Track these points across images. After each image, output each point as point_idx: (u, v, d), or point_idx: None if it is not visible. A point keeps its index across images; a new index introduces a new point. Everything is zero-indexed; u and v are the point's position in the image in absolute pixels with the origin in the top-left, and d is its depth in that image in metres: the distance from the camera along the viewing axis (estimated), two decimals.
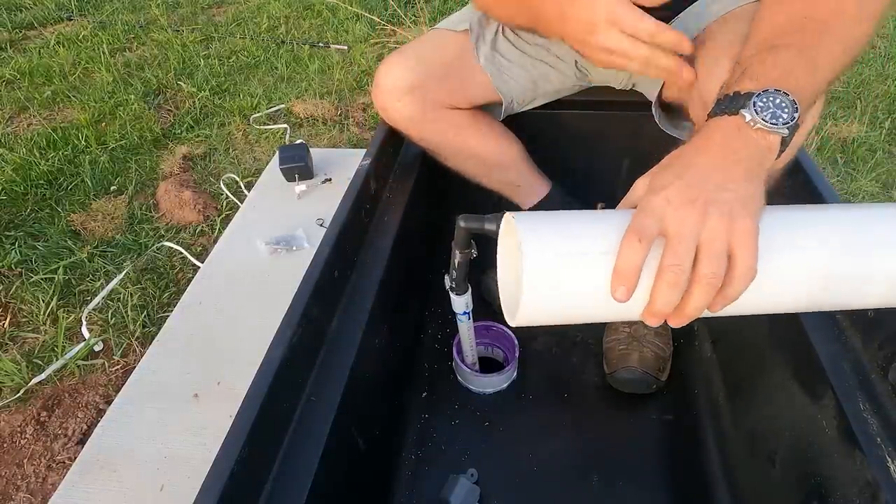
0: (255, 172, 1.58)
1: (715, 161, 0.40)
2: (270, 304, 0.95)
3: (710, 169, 0.39)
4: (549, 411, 0.87)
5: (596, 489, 0.76)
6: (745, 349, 0.77)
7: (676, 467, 0.78)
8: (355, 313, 0.65)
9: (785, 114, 0.40)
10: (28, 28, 2.53)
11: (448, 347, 0.91)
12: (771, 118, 0.40)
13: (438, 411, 0.87)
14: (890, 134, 1.57)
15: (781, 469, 0.60)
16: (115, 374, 1.07)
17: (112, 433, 0.93)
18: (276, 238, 1.28)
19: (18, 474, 0.93)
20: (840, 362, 0.55)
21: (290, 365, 0.52)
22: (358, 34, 2.33)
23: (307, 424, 0.53)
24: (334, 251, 0.63)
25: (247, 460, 0.44)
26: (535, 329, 0.97)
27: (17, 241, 1.37)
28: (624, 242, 0.36)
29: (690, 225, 0.36)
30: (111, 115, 1.87)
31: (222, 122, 1.83)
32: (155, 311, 1.19)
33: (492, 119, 0.88)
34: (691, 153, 0.41)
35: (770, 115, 0.40)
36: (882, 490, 0.45)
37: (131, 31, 2.46)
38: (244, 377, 0.48)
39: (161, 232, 1.40)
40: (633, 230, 0.37)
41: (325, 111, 1.84)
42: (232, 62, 2.18)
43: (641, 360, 0.84)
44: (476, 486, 0.75)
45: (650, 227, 0.37)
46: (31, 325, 1.17)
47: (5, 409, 1.01)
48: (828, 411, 0.53)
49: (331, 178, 1.47)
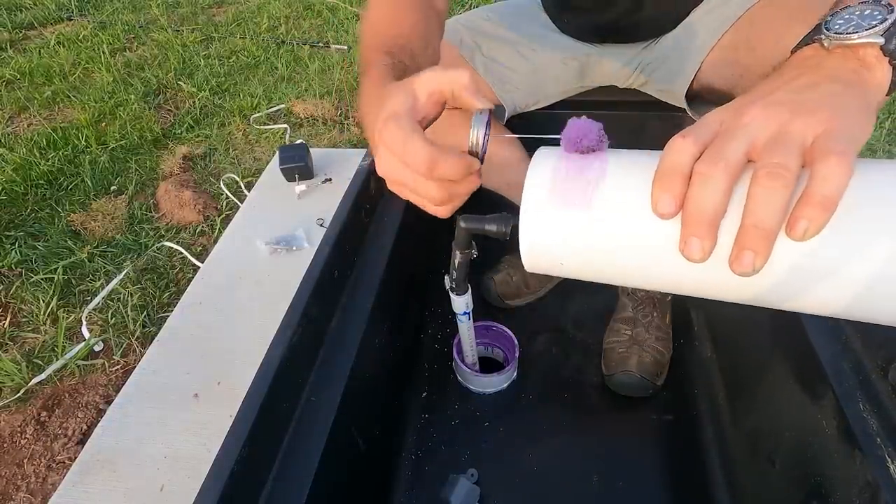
0: (255, 172, 1.58)
1: (788, 75, 0.32)
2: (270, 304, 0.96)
3: (783, 80, 0.31)
4: (549, 411, 0.87)
5: (596, 489, 0.76)
6: (745, 349, 0.77)
7: (676, 467, 0.78)
8: (355, 313, 0.65)
9: (875, 20, 0.31)
10: (28, 28, 2.54)
11: (448, 347, 0.91)
12: (853, 30, 0.31)
13: (438, 411, 0.87)
14: (890, 134, 1.57)
15: (781, 469, 0.60)
16: (115, 374, 1.07)
17: (112, 433, 0.93)
18: (276, 238, 1.28)
19: (18, 474, 0.93)
20: (840, 362, 0.55)
21: (290, 365, 0.52)
22: (358, 34, 2.33)
23: (307, 424, 0.53)
24: (334, 251, 0.63)
25: (247, 460, 0.44)
26: (535, 329, 0.97)
27: (17, 241, 1.37)
28: (668, 143, 0.30)
29: (747, 119, 0.29)
30: (111, 115, 1.87)
31: (222, 122, 1.83)
32: (155, 311, 1.19)
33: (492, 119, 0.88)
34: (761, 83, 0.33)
35: (853, 27, 0.31)
36: (882, 490, 0.45)
37: (131, 31, 2.46)
38: (244, 377, 0.48)
39: (161, 232, 1.40)
40: (681, 133, 0.30)
41: (325, 111, 1.84)
42: (232, 62, 2.19)
43: (640, 364, 0.84)
44: (476, 486, 0.75)
45: (703, 129, 0.30)
46: (31, 325, 1.17)
47: (5, 409, 1.01)
48: (828, 411, 0.53)
49: (331, 178, 1.47)
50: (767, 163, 0.27)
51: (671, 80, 0.79)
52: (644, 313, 0.89)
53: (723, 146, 0.28)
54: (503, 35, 0.85)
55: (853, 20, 0.32)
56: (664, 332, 0.89)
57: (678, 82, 0.77)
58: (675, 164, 0.29)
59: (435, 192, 0.38)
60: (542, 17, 0.87)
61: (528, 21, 0.87)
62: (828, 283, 0.28)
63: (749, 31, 0.67)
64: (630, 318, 0.90)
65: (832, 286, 0.28)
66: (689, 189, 0.28)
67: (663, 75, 0.81)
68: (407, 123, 0.37)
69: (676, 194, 0.28)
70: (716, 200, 0.27)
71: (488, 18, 0.87)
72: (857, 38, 0.31)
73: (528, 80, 0.85)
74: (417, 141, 0.36)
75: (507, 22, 0.87)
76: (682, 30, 0.77)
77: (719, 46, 0.71)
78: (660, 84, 0.83)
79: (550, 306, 1.01)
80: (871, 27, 0.31)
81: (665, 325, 0.90)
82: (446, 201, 0.39)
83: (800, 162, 0.27)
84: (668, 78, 0.80)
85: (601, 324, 0.94)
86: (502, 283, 0.98)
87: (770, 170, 0.26)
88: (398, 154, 0.37)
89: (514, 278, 0.97)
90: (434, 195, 0.38)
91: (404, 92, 0.39)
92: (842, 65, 0.31)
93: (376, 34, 0.52)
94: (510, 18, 0.87)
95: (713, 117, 0.31)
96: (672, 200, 0.28)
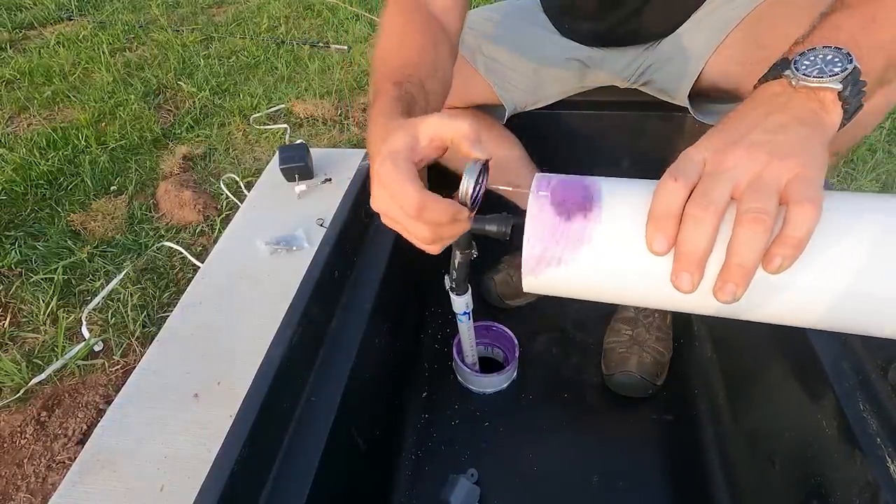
0: (255, 172, 1.58)
1: (760, 112, 0.35)
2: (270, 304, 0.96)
3: (756, 118, 0.35)
4: (549, 411, 0.87)
5: (596, 489, 0.76)
6: (745, 349, 0.77)
7: (676, 467, 0.78)
8: (355, 313, 0.65)
9: (836, 67, 0.35)
10: (28, 28, 2.54)
11: (448, 347, 0.91)
12: (817, 73, 0.35)
13: (438, 411, 0.87)
14: (890, 134, 1.57)
15: (781, 469, 0.60)
16: (115, 374, 1.07)
17: (112, 433, 0.93)
18: (276, 238, 1.28)
19: (18, 474, 0.93)
20: (840, 362, 0.55)
21: (290, 365, 0.52)
22: (358, 34, 2.33)
23: (307, 424, 0.53)
24: (334, 251, 0.63)
25: (247, 460, 0.44)
26: (535, 329, 0.97)
27: (17, 241, 1.37)
28: (659, 184, 0.32)
29: (730, 163, 0.32)
30: (111, 115, 1.87)
31: (222, 122, 1.83)
32: (155, 311, 1.19)
33: (492, 120, 0.88)
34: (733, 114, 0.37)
35: (817, 70, 0.35)
36: (882, 490, 0.45)
37: (131, 31, 2.46)
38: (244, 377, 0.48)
39: (161, 232, 1.40)
40: (668, 173, 0.33)
41: (325, 111, 1.84)
42: (232, 62, 2.19)
43: (640, 364, 0.84)
44: (476, 486, 0.75)
45: (689, 169, 0.33)
46: (31, 325, 1.17)
47: (5, 409, 1.01)
48: (828, 411, 0.53)
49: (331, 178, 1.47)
50: (750, 207, 0.30)
51: (674, 80, 0.79)
52: (645, 314, 0.89)
53: (710, 189, 0.31)
54: (504, 35, 0.85)
55: (818, 64, 0.36)
56: (665, 332, 0.89)
57: (681, 83, 0.77)
58: (667, 207, 0.32)
59: (423, 233, 0.40)
60: (543, 18, 0.87)
61: (529, 21, 0.87)
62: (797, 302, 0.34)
63: (758, 29, 0.67)
64: (631, 318, 0.90)
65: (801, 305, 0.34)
66: (682, 231, 0.31)
67: (665, 76, 0.81)
68: (403, 165, 0.39)
69: (670, 235, 0.31)
70: (705, 241, 0.31)
71: (489, 18, 0.87)
72: (819, 83, 0.35)
73: (529, 79, 0.85)
74: (409, 184, 0.38)
75: (509, 22, 0.87)
76: (684, 31, 0.77)
77: (725, 45, 0.70)
78: (662, 84, 0.83)
79: (550, 306, 1.00)
80: (833, 74, 0.35)
81: (665, 325, 0.90)
82: (434, 241, 0.42)
83: (777, 203, 0.31)
84: (670, 78, 0.80)
85: (601, 324, 0.94)
86: (502, 283, 0.98)
87: (754, 215, 0.30)
88: (391, 193, 0.39)
89: (514, 278, 0.97)
90: (422, 235, 0.41)
91: (407, 133, 0.41)
92: (805, 105, 0.35)
93: (385, 62, 0.54)
94: (511, 18, 0.87)
95: (697, 155, 0.34)
96: (666, 241, 0.32)
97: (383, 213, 0.42)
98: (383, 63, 0.54)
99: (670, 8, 0.76)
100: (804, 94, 0.35)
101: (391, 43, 0.57)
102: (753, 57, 0.65)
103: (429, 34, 0.58)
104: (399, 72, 0.51)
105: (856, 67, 0.35)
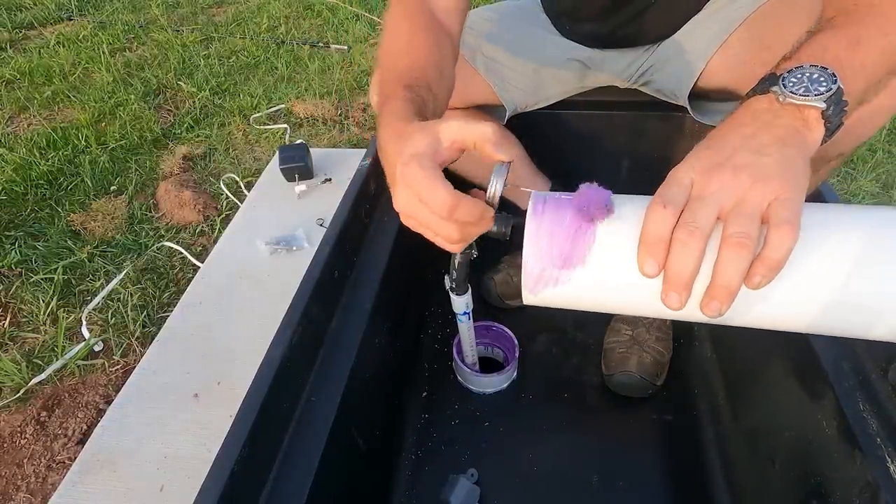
0: (255, 172, 1.58)
1: (746, 130, 0.37)
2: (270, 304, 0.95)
3: (741, 137, 0.36)
4: (549, 411, 0.87)
5: (596, 489, 0.76)
6: (745, 349, 0.77)
7: (676, 467, 0.78)
8: (355, 313, 0.65)
9: (822, 86, 0.36)
10: (28, 28, 2.54)
11: (448, 347, 0.91)
12: (804, 92, 0.37)
13: (438, 411, 0.87)
14: (890, 134, 1.57)
15: (781, 469, 0.60)
16: (115, 374, 1.07)
17: (112, 433, 0.93)
18: (276, 238, 1.28)
19: (18, 474, 0.93)
20: (840, 362, 0.55)
21: (290, 365, 0.52)
22: (358, 34, 2.33)
23: (307, 424, 0.53)
24: (334, 251, 0.63)
25: (247, 460, 0.44)
26: (535, 329, 0.97)
27: (17, 241, 1.37)
28: (649, 210, 0.34)
29: (715, 186, 0.34)
30: (111, 115, 1.87)
31: (222, 122, 1.83)
32: (155, 311, 1.19)
33: (492, 120, 0.88)
34: (721, 129, 0.38)
35: (803, 89, 0.37)
36: (882, 490, 0.45)
37: (131, 31, 2.46)
38: (244, 377, 0.48)
39: (161, 232, 1.40)
40: (657, 198, 0.34)
41: (325, 111, 1.84)
42: (232, 62, 2.18)
43: (640, 364, 0.84)
44: (476, 486, 0.75)
45: (677, 195, 0.34)
46: (31, 325, 1.17)
47: (5, 409, 1.01)
48: (828, 411, 0.53)
49: (331, 178, 1.47)
50: (734, 232, 0.32)
51: (674, 81, 0.79)
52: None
53: (697, 214, 0.33)
54: (504, 35, 0.85)
55: (804, 82, 0.37)
56: (664, 332, 0.89)
57: (682, 83, 0.77)
58: (657, 233, 0.33)
59: (451, 233, 0.41)
60: (544, 18, 0.87)
61: (529, 21, 0.87)
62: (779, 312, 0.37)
63: (762, 28, 0.67)
64: (631, 318, 0.90)
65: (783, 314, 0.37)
66: (671, 254, 0.33)
67: (666, 77, 0.81)
68: (430, 165, 0.40)
69: (660, 259, 0.33)
70: (692, 264, 0.33)
71: (489, 18, 0.87)
72: (804, 101, 0.36)
73: (529, 79, 0.85)
74: (439, 184, 0.39)
75: (509, 22, 0.87)
76: (685, 32, 0.77)
77: (727, 45, 0.70)
78: (662, 85, 0.83)
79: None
80: (818, 93, 0.36)
81: (665, 325, 0.90)
82: (461, 241, 0.43)
83: (759, 225, 0.33)
84: (671, 79, 0.80)
85: (601, 324, 0.94)
86: (502, 283, 0.98)
87: (737, 240, 0.32)
88: (418, 194, 0.40)
89: (514, 278, 0.97)
90: (451, 235, 0.42)
91: (429, 135, 0.41)
92: (790, 123, 0.37)
93: (394, 65, 0.54)
94: (511, 18, 0.87)
95: (685, 177, 0.35)
96: (657, 265, 0.33)
97: (407, 214, 0.42)
98: (391, 65, 0.54)
99: (672, 10, 0.76)
100: (790, 111, 0.37)
101: (398, 45, 0.57)
102: (758, 56, 0.65)
103: (433, 36, 0.58)
104: (408, 74, 0.52)
105: (839, 87, 0.36)
